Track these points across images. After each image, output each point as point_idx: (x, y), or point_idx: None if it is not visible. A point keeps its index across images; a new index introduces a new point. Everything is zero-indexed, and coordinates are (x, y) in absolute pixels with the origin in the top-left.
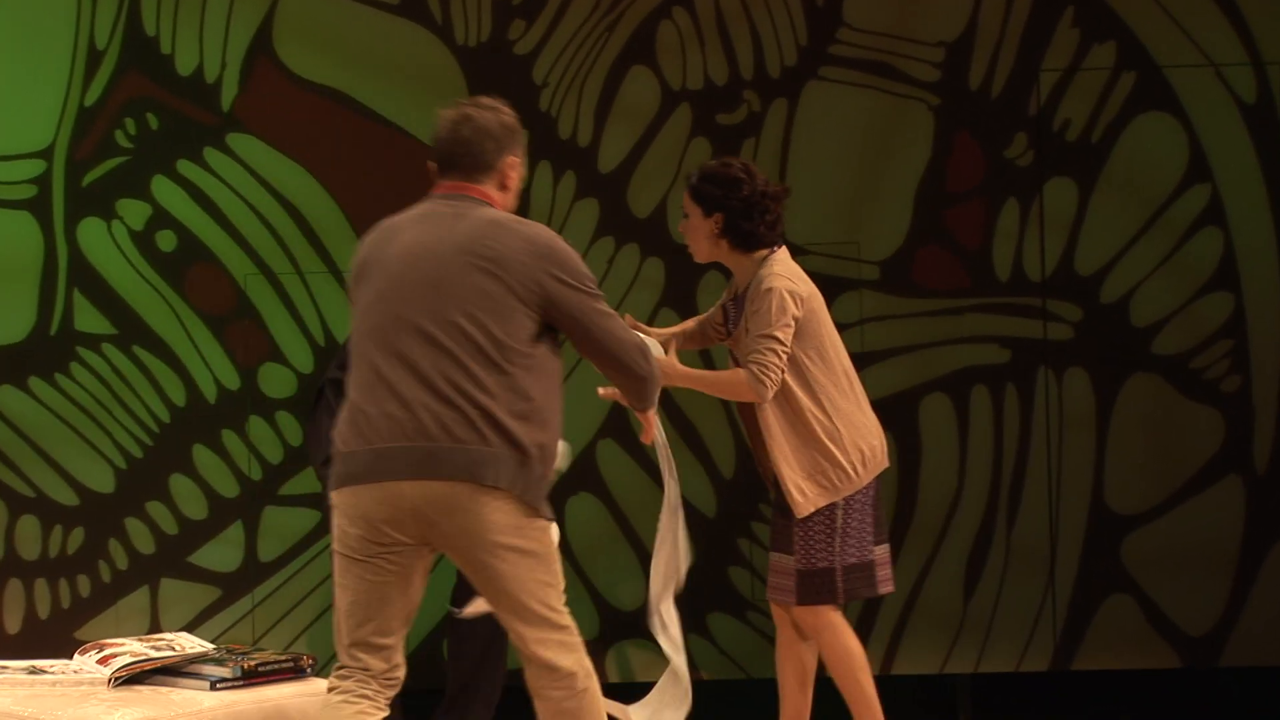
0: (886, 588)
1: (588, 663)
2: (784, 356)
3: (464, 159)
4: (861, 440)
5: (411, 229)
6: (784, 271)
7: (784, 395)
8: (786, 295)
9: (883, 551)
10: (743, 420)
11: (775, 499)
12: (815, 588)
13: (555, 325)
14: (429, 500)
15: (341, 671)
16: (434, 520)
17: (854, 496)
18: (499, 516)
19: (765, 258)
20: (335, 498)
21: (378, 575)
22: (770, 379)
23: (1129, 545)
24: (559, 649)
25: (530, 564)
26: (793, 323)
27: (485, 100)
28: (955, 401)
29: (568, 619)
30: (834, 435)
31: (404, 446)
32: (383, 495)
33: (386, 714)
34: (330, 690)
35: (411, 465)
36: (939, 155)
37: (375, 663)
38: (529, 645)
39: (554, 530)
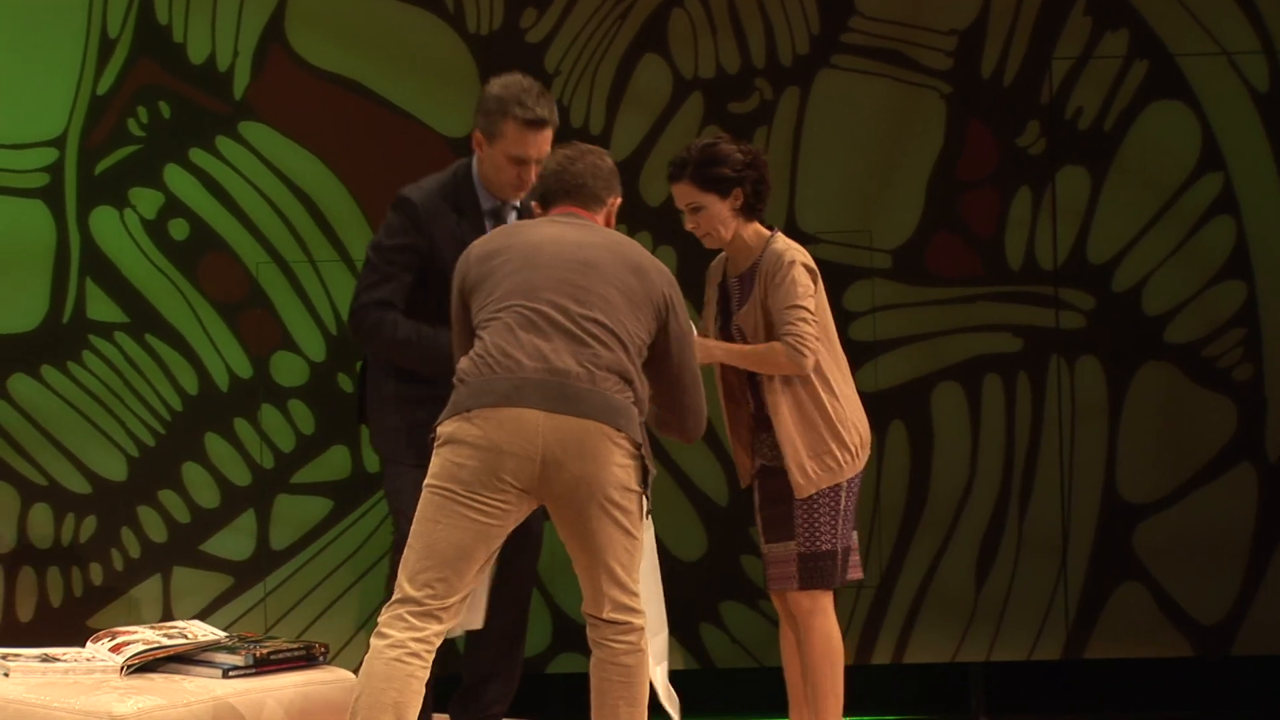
0: (859, 573)
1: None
2: (815, 326)
3: (578, 191)
4: (859, 423)
5: (543, 227)
6: (797, 247)
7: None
8: (804, 269)
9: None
10: (726, 407)
11: (763, 488)
12: (817, 571)
13: (654, 348)
14: (561, 438)
15: (398, 610)
16: (560, 461)
17: (854, 479)
18: (620, 472)
19: (769, 236)
20: (454, 426)
21: (480, 515)
22: (809, 348)
23: (1141, 534)
24: (629, 611)
25: (626, 531)
26: (814, 294)
27: (588, 145)
28: (967, 390)
29: (638, 587)
30: (841, 416)
31: (541, 380)
32: (516, 425)
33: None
34: (379, 636)
35: (548, 398)
36: (951, 143)
37: (443, 602)
38: (602, 602)
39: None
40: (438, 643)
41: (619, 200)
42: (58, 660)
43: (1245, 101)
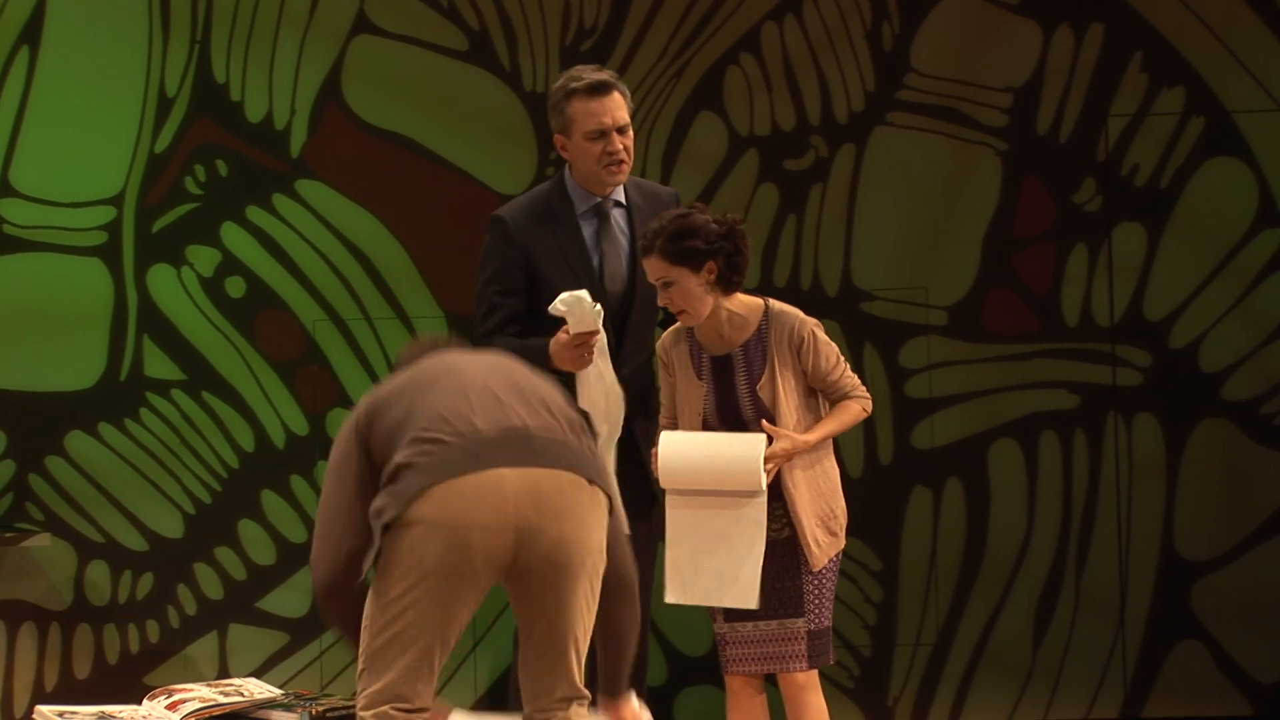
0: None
1: None
2: None
3: None
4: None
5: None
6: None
7: None
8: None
9: None
10: None
11: (777, 562)
12: (822, 649)
13: None
14: (535, 493)
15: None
16: (537, 527)
17: (840, 554)
18: (600, 533)
19: (764, 304)
20: (414, 510)
21: (437, 606)
22: (871, 404)
23: (1199, 592)
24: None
25: (592, 607)
26: None
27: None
28: (1024, 447)
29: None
30: (839, 485)
31: (500, 438)
32: (481, 491)
33: None
34: None
35: (514, 454)
36: (1007, 200)
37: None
38: (555, 686)
39: None
40: None
41: None
42: (114, 718)
43: None
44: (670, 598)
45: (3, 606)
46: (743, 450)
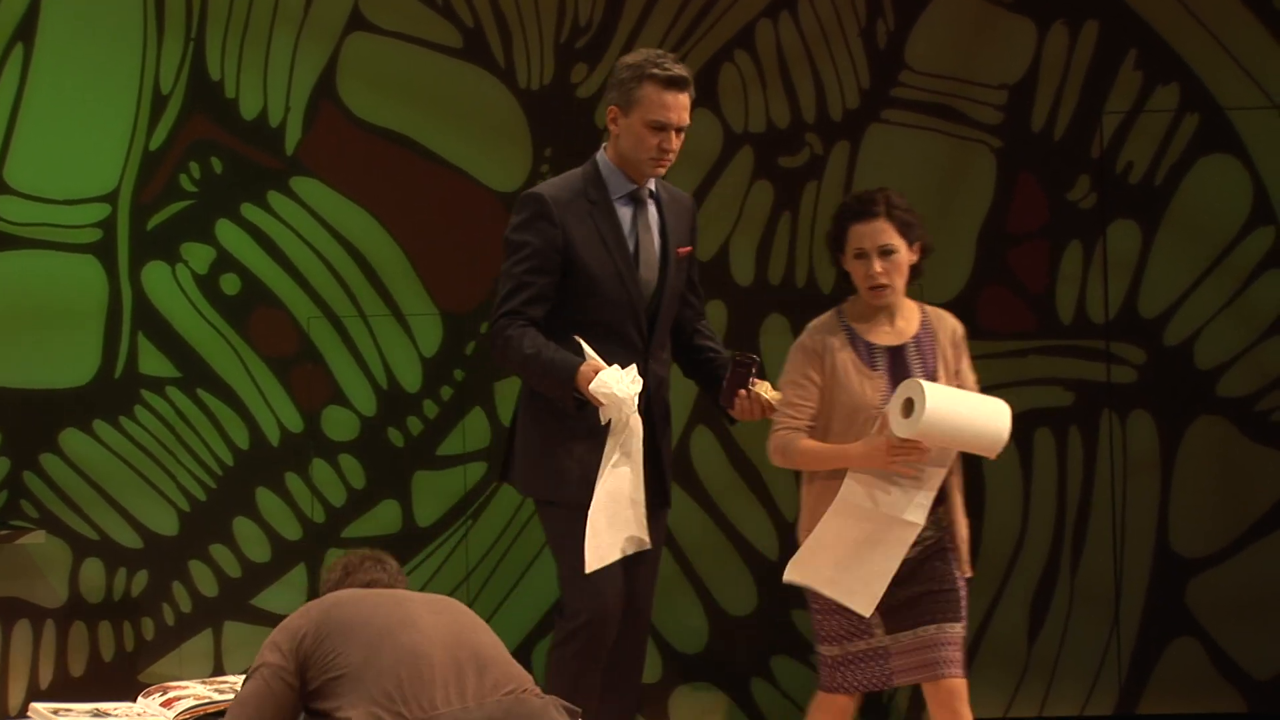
0: None
1: None
2: None
3: None
4: None
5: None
6: None
7: None
8: None
9: None
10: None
11: (923, 569)
12: (965, 657)
13: None
14: None
15: None
16: None
17: None
18: None
19: (918, 302)
20: None
21: None
22: None
23: (1194, 589)
24: None
25: None
26: None
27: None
28: (1019, 444)
29: None
30: None
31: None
32: None
33: None
34: None
35: None
36: (1001, 197)
37: None
38: None
39: None
40: None
41: None
42: (109, 715)
43: None
44: (790, 576)
45: None
46: (998, 410)
